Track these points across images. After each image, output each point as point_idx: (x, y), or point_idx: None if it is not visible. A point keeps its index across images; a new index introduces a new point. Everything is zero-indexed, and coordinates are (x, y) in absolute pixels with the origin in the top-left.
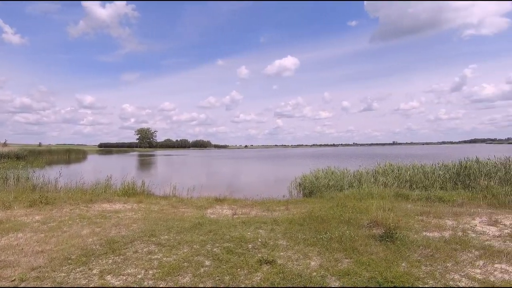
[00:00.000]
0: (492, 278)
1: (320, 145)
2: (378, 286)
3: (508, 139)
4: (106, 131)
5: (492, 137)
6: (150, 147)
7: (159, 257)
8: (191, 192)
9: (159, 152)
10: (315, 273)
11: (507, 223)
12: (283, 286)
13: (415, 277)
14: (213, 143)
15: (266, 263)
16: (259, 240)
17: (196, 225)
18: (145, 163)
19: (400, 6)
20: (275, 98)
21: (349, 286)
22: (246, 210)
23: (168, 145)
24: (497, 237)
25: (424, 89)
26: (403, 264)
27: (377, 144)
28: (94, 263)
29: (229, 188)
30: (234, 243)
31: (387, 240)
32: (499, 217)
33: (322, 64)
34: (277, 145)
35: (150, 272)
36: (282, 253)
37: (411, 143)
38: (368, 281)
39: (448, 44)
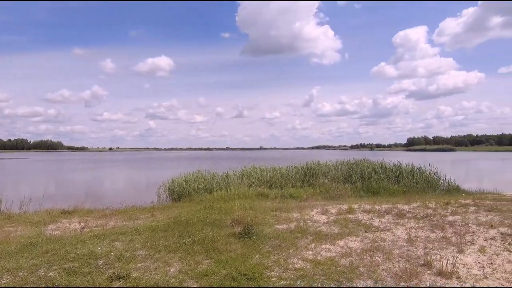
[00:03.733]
0: (319, 257)
1: (195, 149)
2: (233, 280)
3: (339, 146)
4: None
5: (329, 144)
6: None
7: None
8: (27, 205)
9: None
10: (173, 280)
11: (333, 211)
12: None
13: (264, 266)
14: (66, 144)
15: (119, 279)
16: (113, 254)
17: (27, 247)
18: None
19: (264, 27)
20: (147, 98)
21: (206, 286)
22: (103, 222)
23: None
24: (326, 223)
25: (284, 102)
26: (256, 256)
27: (247, 149)
28: None
29: (85, 197)
30: (79, 262)
31: (245, 237)
32: (328, 207)
33: (197, 68)
34: (148, 148)
35: None
36: (139, 265)
37: (274, 148)
38: (224, 277)
39: (301, 67)
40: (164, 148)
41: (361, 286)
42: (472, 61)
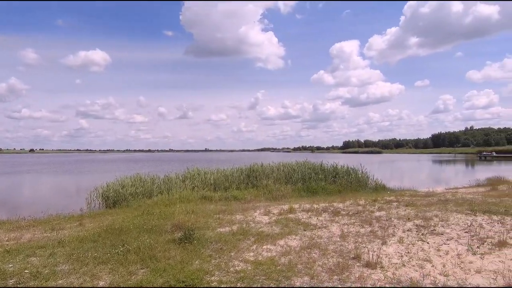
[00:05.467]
0: (260, 258)
1: (135, 151)
2: None
3: (283, 148)
4: None
5: (274, 147)
6: None
7: None
8: None
9: None
10: None
11: (275, 212)
12: None
13: (205, 271)
14: None
15: None
16: (27, 271)
17: None
18: None
19: (210, 29)
20: (79, 94)
21: None
22: (17, 235)
23: None
24: (268, 224)
25: (229, 104)
26: (196, 262)
27: (192, 151)
28: None
29: None
30: None
31: (185, 242)
32: (271, 208)
33: (137, 65)
34: (80, 150)
35: None
36: (60, 281)
37: (220, 150)
38: (160, 287)
39: (247, 70)
40: (99, 150)
41: (298, 284)
42: (395, 74)
